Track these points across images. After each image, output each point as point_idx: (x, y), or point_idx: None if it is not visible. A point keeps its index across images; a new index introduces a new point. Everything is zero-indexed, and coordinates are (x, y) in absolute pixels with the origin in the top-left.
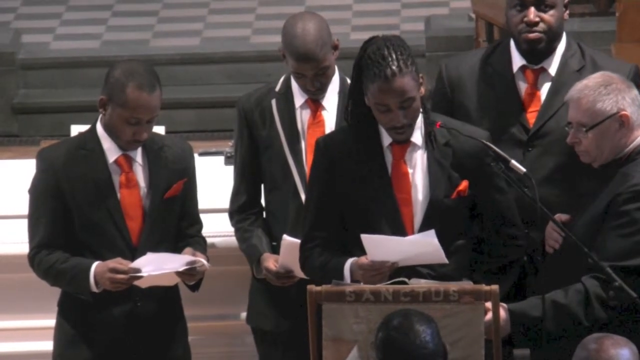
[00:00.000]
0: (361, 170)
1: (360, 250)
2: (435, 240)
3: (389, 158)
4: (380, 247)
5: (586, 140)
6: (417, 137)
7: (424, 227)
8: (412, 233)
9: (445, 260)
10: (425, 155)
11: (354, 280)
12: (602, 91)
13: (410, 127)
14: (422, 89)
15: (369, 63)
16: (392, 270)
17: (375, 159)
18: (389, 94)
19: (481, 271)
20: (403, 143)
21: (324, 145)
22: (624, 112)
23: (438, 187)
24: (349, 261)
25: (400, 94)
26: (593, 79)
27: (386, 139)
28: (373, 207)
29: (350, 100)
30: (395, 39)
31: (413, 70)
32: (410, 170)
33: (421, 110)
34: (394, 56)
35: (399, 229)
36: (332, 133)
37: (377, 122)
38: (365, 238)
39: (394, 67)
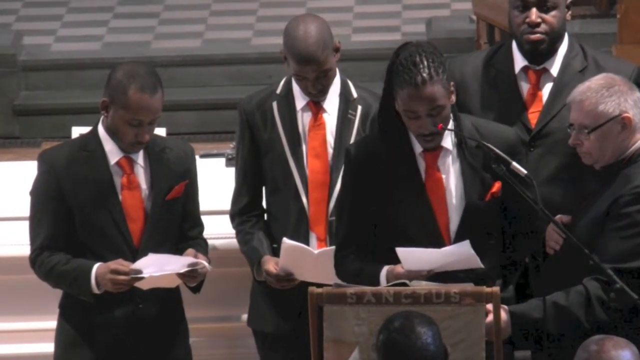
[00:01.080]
0: (394, 177)
1: (394, 258)
2: (470, 250)
3: (421, 164)
4: (416, 258)
5: (588, 142)
6: (448, 142)
7: (459, 232)
8: (448, 238)
9: (481, 265)
10: (457, 160)
11: None
12: (605, 93)
13: (439, 135)
14: (453, 97)
15: (400, 69)
16: (428, 277)
17: (408, 166)
18: (418, 101)
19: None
20: (433, 150)
21: (355, 153)
22: (626, 114)
23: (472, 190)
24: (385, 269)
25: (429, 102)
26: (595, 81)
27: (418, 146)
28: (408, 214)
29: (381, 105)
30: (428, 46)
31: (444, 78)
32: (443, 176)
33: (452, 117)
34: (425, 63)
35: (435, 235)
36: (361, 140)
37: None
38: (401, 251)
39: (424, 75)
